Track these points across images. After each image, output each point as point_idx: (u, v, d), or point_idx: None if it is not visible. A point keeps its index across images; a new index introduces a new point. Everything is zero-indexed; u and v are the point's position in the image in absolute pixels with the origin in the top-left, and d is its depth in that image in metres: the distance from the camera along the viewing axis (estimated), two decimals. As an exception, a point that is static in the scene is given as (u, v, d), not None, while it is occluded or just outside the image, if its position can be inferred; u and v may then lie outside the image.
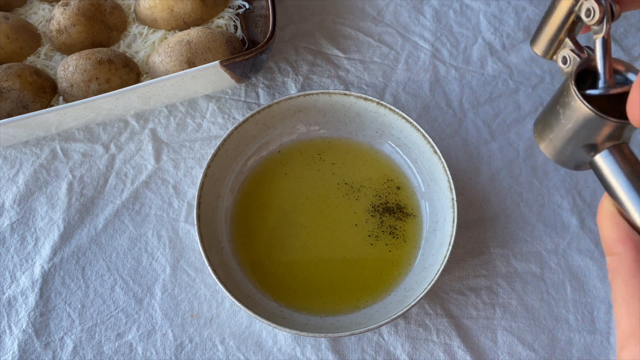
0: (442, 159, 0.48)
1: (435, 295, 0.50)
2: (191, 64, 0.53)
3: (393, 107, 0.50)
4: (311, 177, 0.53)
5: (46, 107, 0.54)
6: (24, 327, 0.49)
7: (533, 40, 0.31)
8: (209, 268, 0.45)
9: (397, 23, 0.62)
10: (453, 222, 0.46)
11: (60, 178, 0.55)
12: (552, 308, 0.49)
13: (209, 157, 0.49)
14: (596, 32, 0.28)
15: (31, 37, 0.58)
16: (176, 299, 0.50)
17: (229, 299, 0.49)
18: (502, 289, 0.50)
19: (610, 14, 0.27)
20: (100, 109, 0.53)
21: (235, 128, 0.50)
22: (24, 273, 0.51)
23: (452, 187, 0.47)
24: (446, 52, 0.60)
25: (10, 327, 0.49)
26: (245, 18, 0.59)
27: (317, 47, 0.61)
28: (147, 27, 0.59)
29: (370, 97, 0.51)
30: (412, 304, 0.43)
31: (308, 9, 0.63)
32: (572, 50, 0.29)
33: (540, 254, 0.51)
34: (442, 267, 0.44)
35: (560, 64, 0.29)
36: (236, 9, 0.60)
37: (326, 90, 0.51)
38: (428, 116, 0.57)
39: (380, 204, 0.51)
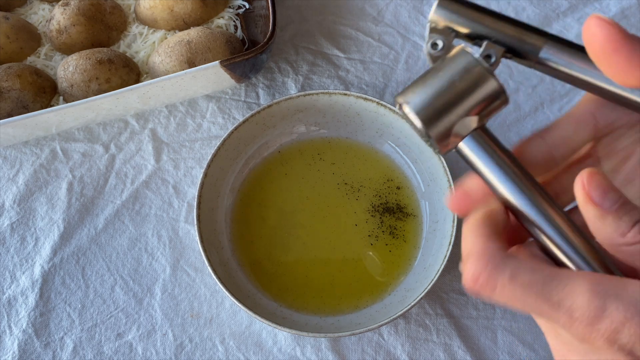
0: (442, 159, 0.48)
1: (435, 295, 0.50)
2: (191, 64, 0.53)
3: (393, 107, 0.50)
4: (311, 177, 0.53)
5: (46, 107, 0.54)
6: (24, 327, 0.49)
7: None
8: (209, 268, 0.45)
9: (397, 23, 0.62)
10: (453, 222, 0.46)
11: (60, 178, 0.55)
12: (552, 308, 0.49)
13: (209, 157, 0.49)
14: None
15: (31, 37, 0.58)
16: (176, 299, 0.50)
17: (229, 299, 0.49)
18: (502, 289, 0.50)
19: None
20: (100, 109, 0.53)
21: (235, 128, 0.50)
22: (24, 273, 0.51)
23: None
24: (446, 52, 0.60)
25: (10, 327, 0.49)
26: (245, 18, 0.59)
27: (317, 47, 0.61)
28: (147, 27, 0.59)
29: (370, 97, 0.51)
30: (412, 304, 0.43)
31: (308, 9, 0.63)
32: (441, 40, 0.29)
33: (540, 254, 0.51)
34: (442, 267, 0.44)
35: (429, 49, 0.29)
36: (236, 9, 0.60)
37: (326, 90, 0.51)
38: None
39: (380, 204, 0.51)
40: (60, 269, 0.51)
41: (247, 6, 0.59)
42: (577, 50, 0.27)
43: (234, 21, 0.59)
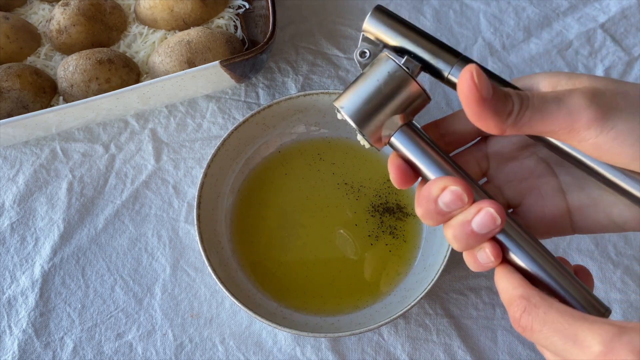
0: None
1: (435, 295, 0.50)
2: (191, 64, 0.53)
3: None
4: (311, 177, 0.53)
5: (46, 107, 0.54)
6: (24, 327, 0.49)
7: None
8: (209, 268, 0.45)
9: (397, 23, 0.62)
10: (453, 222, 0.46)
11: (60, 178, 0.55)
12: (552, 308, 0.49)
13: (209, 157, 0.49)
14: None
15: (31, 37, 0.58)
16: (176, 299, 0.50)
17: (229, 299, 0.49)
18: (502, 289, 0.50)
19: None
20: (100, 109, 0.53)
21: (235, 128, 0.50)
22: (24, 273, 0.51)
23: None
24: (446, 52, 0.60)
25: (10, 327, 0.49)
26: (245, 18, 0.59)
27: (317, 47, 0.61)
28: (147, 27, 0.59)
29: (370, 97, 0.51)
30: (412, 304, 0.43)
31: (308, 9, 0.63)
32: (369, 49, 0.33)
33: (540, 254, 0.51)
34: (442, 267, 0.44)
35: (357, 57, 0.33)
36: (236, 9, 0.60)
37: (326, 90, 0.51)
38: (428, 116, 0.57)
39: (380, 204, 0.51)
40: (60, 269, 0.51)
41: (247, 6, 0.59)
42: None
43: (234, 21, 0.59)
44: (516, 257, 0.29)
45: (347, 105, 0.31)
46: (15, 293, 0.51)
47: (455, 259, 0.51)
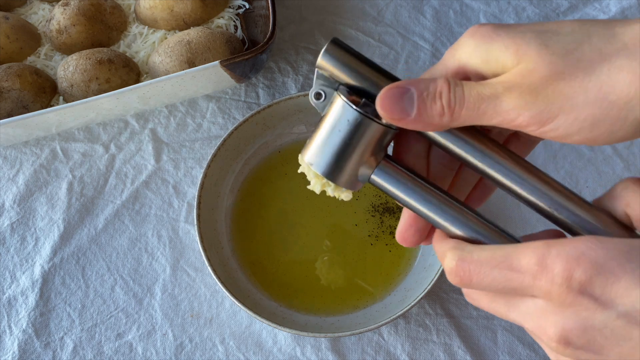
0: (442, 159, 0.48)
1: (435, 295, 0.50)
2: (191, 64, 0.53)
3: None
4: (311, 177, 0.53)
5: (46, 107, 0.54)
6: (24, 327, 0.49)
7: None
8: (209, 268, 0.45)
9: (397, 23, 0.62)
10: (453, 222, 0.46)
11: (60, 178, 0.55)
12: (552, 308, 0.49)
13: (209, 157, 0.49)
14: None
15: (31, 37, 0.58)
16: (176, 299, 0.50)
17: (229, 299, 0.49)
18: (502, 289, 0.50)
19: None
20: (100, 109, 0.53)
21: (235, 128, 0.50)
22: (24, 273, 0.51)
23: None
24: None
25: (10, 327, 0.49)
26: (245, 18, 0.59)
27: (317, 47, 0.61)
28: (147, 27, 0.59)
29: (370, 97, 0.51)
30: (412, 304, 0.43)
31: (308, 9, 0.63)
32: (324, 89, 0.31)
33: (540, 254, 0.51)
34: (442, 267, 0.44)
35: (313, 99, 0.31)
36: (236, 9, 0.60)
37: (326, 90, 0.51)
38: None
39: (380, 203, 0.51)
40: (60, 269, 0.51)
41: (247, 6, 0.59)
42: None
43: (234, 21, 0.59)
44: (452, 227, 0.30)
45: (317, 162, 0.31)
46: (15, 293, 0.51)
47: (455, 259, 0.51)
